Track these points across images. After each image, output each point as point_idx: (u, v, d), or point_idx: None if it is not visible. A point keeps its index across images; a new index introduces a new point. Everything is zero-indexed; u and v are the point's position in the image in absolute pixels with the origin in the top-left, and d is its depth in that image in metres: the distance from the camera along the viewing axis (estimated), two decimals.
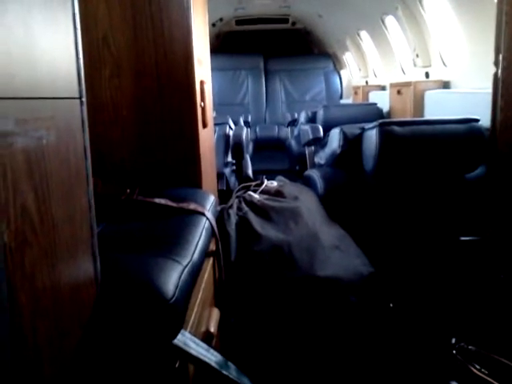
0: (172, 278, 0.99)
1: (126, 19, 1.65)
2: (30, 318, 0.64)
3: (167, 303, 0.92)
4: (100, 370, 0.87)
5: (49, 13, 0.74)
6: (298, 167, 4.17)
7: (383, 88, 5.26)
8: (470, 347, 1.68)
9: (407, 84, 3.98)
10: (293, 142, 4.70)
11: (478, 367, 1.58)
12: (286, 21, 6.87)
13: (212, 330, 1.36)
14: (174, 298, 0.94)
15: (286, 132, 5.70)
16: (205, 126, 1.78)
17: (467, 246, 2.13)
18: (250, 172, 3.55)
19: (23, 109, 0.65)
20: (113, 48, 1.65)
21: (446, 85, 3.72)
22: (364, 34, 5.55)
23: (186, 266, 1.08)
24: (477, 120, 2.24)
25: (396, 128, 2.23)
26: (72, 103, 0.81)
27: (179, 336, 1.00)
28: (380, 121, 2.26)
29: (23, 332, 0.62)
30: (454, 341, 1.74)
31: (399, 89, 4.15)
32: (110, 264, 0.96)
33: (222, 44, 7.06)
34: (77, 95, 0.82)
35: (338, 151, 2.49)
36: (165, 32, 1.66)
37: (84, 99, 0.83)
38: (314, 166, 3.33)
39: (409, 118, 3.63)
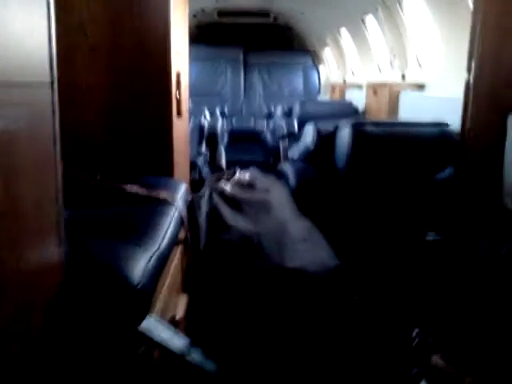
0: (139, 265, 1.00)
1: (104, 6, 1.64)
2: None
3: (133, 289, 0.93)
4: (64, 355, 0.88)
5: (23, 3, 0.74)
6: (271, 160, 4.19)
7: (360, 87, 5.32)
8: (430, 338, 1.74)
9: (383, 84, 4.05)
10: (268, 135, 4.71)
11: (437, 356, 1.64)
12: (267, 15, 6.85)
13: (179, 314, 1.37)
14: (140, 284, 0.95)
15: (262, 124, 5.71)
16: (179, 114, 1.79)
17: (432, 244, 2.19)
18: (223, 162, 3.56)
19: None
20: (89, 34, 1.65)
21: (420, 87, 3.79)
22: (344, 32, 5.58)
23: (154, 253, 1.09)
24: (447, 124, 2.30)
25: (369, 128, 2.27)
26: (43, 88, 0.81)
27: (145, 322, 1.01)
28: (354, 120, 2.29)
29: None
30: (415, 332, 1.79)
31: (375, 89, 4.21)
32: (76, 249, 0.97)
33: (202, 34, 7.01)
34: (48, 80, 0.82)
35: (312, 147, 2.53)
36: (142, 21, 1.66)
37: (55, 84, 0.83)
38: (287, 159, 3.36)
39: (382, 120, 3.69)
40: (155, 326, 1.06)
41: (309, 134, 2.55)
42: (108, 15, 1.65)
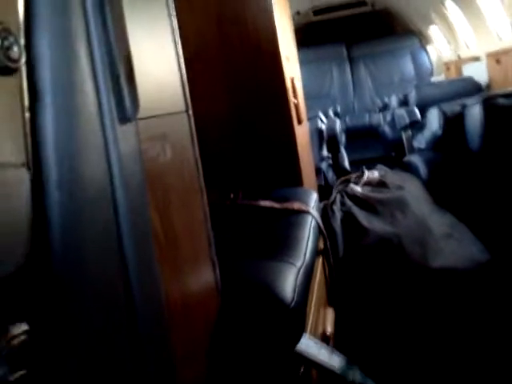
0: (289, 282, 0.97)
1: (212, 26, 1.67)
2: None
3: (288, 308, 0.91)
4: (227, 379, 0.88)
5: (152, 34, 0.75)
6: (393, 153, 4.01)
7: (478, 59, 4.91)
8: None
9: (507, 51, 3.69)
10: (386, 128, 4.52)
11: None
12: (364, 3, 6.64)
13: (329, 330, 1.33)
14: (293, 302, 0.93)
15: (378, 118, 5.51)
16: (300, 122, 1.76)
17: None
18: (346, 164, 3.48)
19: (140, 129, 0.66)
20: (202, 57, 1.68)
21: None
22: (449, 3, 5.21)
23: (300, 267, 1.06)
24: None
25: (502, 100, 2.07)
26: (180, 117, 0.82)
27: (302, 341, 0.98)
28: (483, 94, 2.10)
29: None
30: None
31: (498, 57, 3.86)
32: (227, 271, 0.97)
33: (301, 38, 6.96)
34: (184, 109, 0.83)
35: (439, 132, 2.36)
36: (250, 33, 1.66)
37: (190, 112, 0.84)
38: (412, 150, 3.19)
39: None
40: (311, 345, 1.03)
41: (434, 119, 2.38)
42: (216, 33, 1.67)
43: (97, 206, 0.47)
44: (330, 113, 4.88)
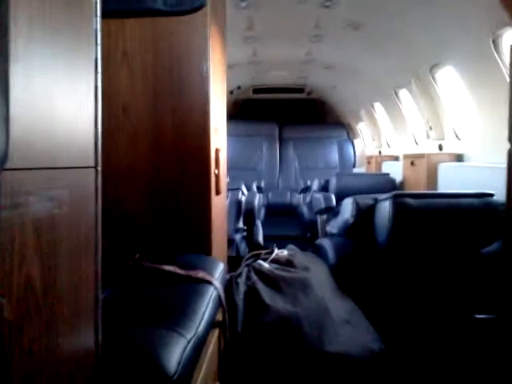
0: (175, 353, 0.95)
1: (147, 89, 1.71)
2: None
3: (170, 380, 0.89)
4: None
5: (71, 85, 0.76)
6: (309, 234, 4.13)
7: (396, 158, 5.30)
8: None
9: (421, 156, 4.01)
10: (305, 209, 4.69)
11: None
12: (301, 91, 7.07)
13: None
14: (176, 375, 0.90)
15: (299, 198, 5.71)
16: (218, 193, 1.79)
17: (482, 323, 2.05)
18: (260, 239, 3.53)
19: (39, 179, 0.65)
20: (132, 117, 1.70)
21: (459, 158, 3.74)
22: (378, 105, 5.67)
23: (191, 339, 1.05)
24: (491, 194, 2.22)
25: (410, 200, 2.20)
26: (87, 172, 0.81)
27: None
28: (394, 192, 2.24)
29: None
30: None
31: (412, 160, 4.18)
32: (111, 335, 0.93)
33: (239, 111, 7.24)
34: (92, 164, 0.82)
35: (351, 221, 2.47)
36: (183, 101, 1.70)
37: (99, 168, 0.84)
38: (325, 234, 3.30)
39: (423, 191, 3.62)
40: None
41: (348, 208, 2.51)
42: (150, 96, 1.71)
43: None
44: (254, 187, 5.01)
